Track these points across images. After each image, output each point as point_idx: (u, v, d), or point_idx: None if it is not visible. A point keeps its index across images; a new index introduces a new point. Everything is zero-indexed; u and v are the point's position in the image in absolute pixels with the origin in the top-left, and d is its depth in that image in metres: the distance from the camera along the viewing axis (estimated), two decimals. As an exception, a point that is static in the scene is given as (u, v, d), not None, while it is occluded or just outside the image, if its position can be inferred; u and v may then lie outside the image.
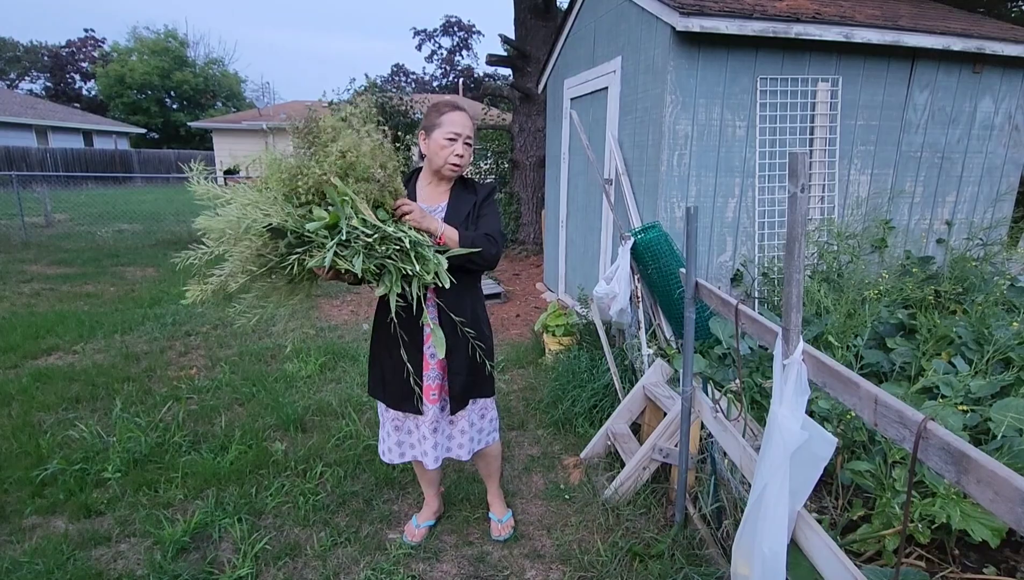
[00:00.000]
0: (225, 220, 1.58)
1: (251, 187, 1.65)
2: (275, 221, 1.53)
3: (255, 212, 1.56)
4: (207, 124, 25.44)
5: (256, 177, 1.71)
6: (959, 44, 3.62)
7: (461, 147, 1.82)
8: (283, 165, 1.62)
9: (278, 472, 2.62)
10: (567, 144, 5.17)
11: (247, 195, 1.61)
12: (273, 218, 1.54)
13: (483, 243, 1.76)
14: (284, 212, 1.56)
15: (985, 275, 3.42)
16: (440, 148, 1.81)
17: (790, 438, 1.24)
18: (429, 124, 1.83)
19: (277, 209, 1.57)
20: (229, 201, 1.62)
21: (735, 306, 1.59)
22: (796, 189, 1.17)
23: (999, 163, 4.07)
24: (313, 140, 1.61)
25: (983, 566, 1.86)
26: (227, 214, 1.58)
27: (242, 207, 1.57)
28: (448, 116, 1.80)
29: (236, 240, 1.59)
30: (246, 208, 1.57)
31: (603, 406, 3.08)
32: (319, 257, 1.53)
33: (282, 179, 1.59)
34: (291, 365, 3.90)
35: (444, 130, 1.80)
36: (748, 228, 3.69)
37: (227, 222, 1.58)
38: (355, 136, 1.61)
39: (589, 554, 2.09)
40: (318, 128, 1.61)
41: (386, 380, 1.94)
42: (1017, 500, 0.74)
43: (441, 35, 32.45)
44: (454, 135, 1.80)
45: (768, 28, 3.28)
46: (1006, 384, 2.20)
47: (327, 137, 1.60)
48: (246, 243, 1.58)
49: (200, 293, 1.66)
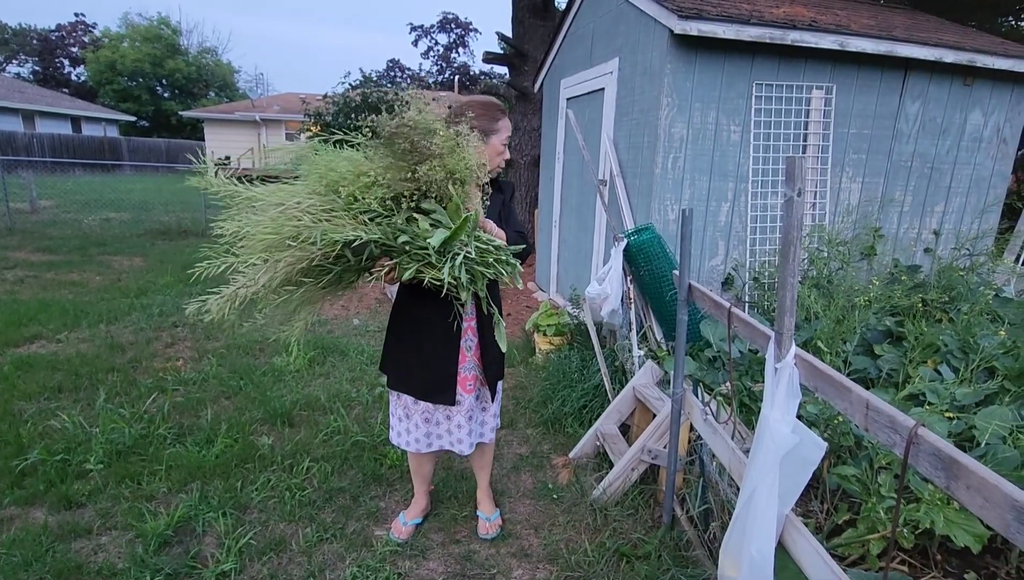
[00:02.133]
0: (274, 228, 1.39)
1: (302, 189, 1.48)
2: (364, 235, 1.39)
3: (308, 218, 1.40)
4: (199, 114, 25.19)
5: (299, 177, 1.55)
6: (951, 56, 3.67)
7: (507, 151, 1.94)
8: (365, 171, 1.46)
9: (264, 466, 2.59)
10: (562, 144, 5.17)
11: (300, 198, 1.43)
12: (359, 231, 1.38)
13: (518, 238, 1.85)
14: (359, 220, 1.43)
15: (971, 285, 3.47)
16: (498, 153, 1.88)
17: (781, 442, 1.25)
18: (487, 128, 1.82)
19: (341, 216, 1.42)
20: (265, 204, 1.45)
21: (728, 309, 1.60)
22: (792, 193, 1.17)
23: (987, 175, 4.13)
24: (419, 141, 1.45)
25: (964, 572, 1.89)
26: (270, 220, 1.40)
27: (298, 213, 1.40)
28: (503, 122, 1.88)
29: (285, 249, 1.40)
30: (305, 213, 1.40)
31: (593, 406, 3.09)
32: (411, 269, 1.44)
33: (382, 182, 1.45)
34: (279, 359, 3.86)
35: (502, 137, 1.89)
36: (740, 232, 3.71)
37: (279, 230, 1.38)
38: (476, 144, 1.56)
39: (576, 554, 2.09)
40: (429, 130, 1.46)
41: (415, 374, 1.95)
42: (1006, 506, 0.75)
43: (438, 31, 32.33)
44: (507, 140, 1.91)
45: (765, 34, 3.30)
46: (990, 392, 2.22)
47: (438, 146, 1.46)
48: (300, 253, 1.41)
49: (226, 307, 1.46)
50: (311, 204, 1.45)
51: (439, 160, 1.47)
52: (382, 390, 3.41)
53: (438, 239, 1.43)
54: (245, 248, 1.43)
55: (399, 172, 1.48)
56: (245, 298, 1.45)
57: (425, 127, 1.49)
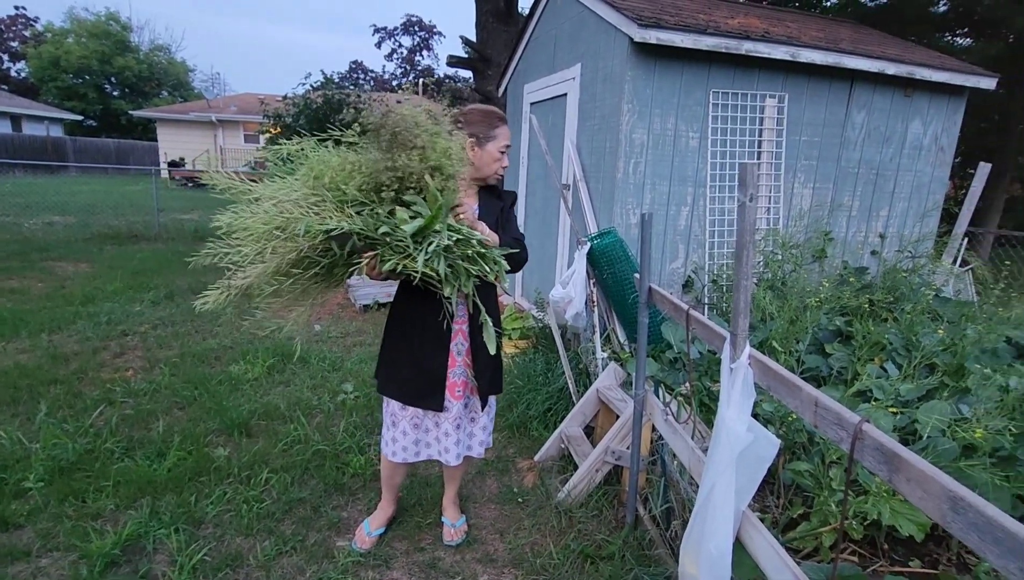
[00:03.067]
0: (267, 219, 1.45)
1: (295, 183, 1.54)
2: (346, 224, 1.43)
3: (300, 211, 1.45)
4: (151, 113, 24.25)
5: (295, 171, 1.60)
6: (893, 68, 3.86)
7: (506, 159, 1.94)
8: (355, 159, 1.52)
9: (220, 479, 2.50)
10: (526, 148, 5.20)
11: (288, 192, 1.50)
12: (343, 222, 1.43)
13: (518, 247, 1.86)
14: (345, 212, 1.46)
15: (913, 286, 3.65)
16: (493, 160, 1.89)
17: (736, 440, 1.28)
18: (481, 134, 1.86)
19: (329, 209, 1.47)
20: (259, 198, 1.52)
21: (686, 311, 1.63)
22: (745, 198, 1.21)
23: (927, 181, 4.36)
24: (400, 134, 1.49)
25: (909, 559, 1.98)
26: (268, 212, 1.46)
27: (290, 203, 1.46)
28: (500, 129, 1.89)
29: (274, 240, 1.47)
30: (295, 205, 1.46)
31: (558, 409, 3.10)
32: (392, 260, 1.47)
33: (358, 173, 1.50)
34: (236, 367, 3.74)
35: (499, 144, 1.89)
36: (699, 236, 3.81)
37: (270, 221, 1.45)
38: (454, 137, 1.57)
39: (542, 557, 2.10)
40: (413, 122, 1.50)
41: (405, 378, 1.92)
42: (943, 497, 0.79)
43: (402, 34, 32.09)
44: (505, 148, 1.91)
45: (721, 44, 3.41)
46: (931, 388, 2.34)
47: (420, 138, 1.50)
48: (291, 245, 1.47)
49: (223, 297, 1.52)
50: (301, 196, 1.50)
51: (420, 151, 1.50)
52: (344, 397, 3.34)
53: (412, 227, 1.46)
54: (239, 239, 1.50)
55: (380, 162, 1.51)
56: (240, 289, 1.52)
57: (412, 119, 1.52)
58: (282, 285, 1.55)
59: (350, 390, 3.43)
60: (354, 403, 3.30)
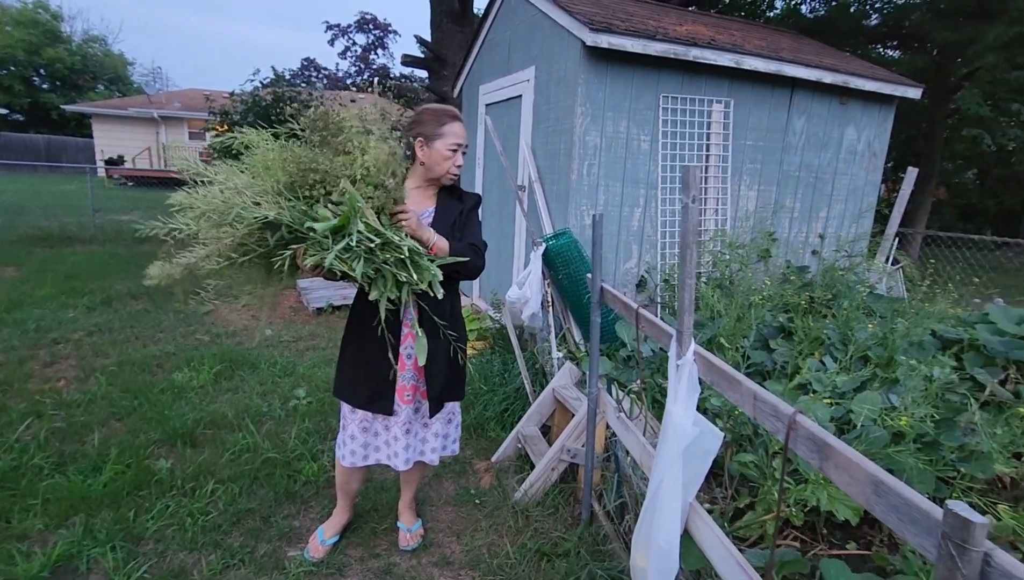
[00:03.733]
0: (208, 202, 1.50)
1: (240, 170, 1.58)
2: (272, 214, 1.47)
3: (243, 199, 1.48)
4: (86, 108, 22.86)
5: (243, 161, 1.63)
6: (829, 77, 4.07)
7: (460, 157, 1.87)
8: (290, 154, 1.54)
9: (162, 492, 2.38)
10: (482, 150, 5.20)
11: (236, 178, 1.53)
12: (270, 211, 1.47)
13: (471, 254, 1.82)
14: (279, 204, 1.49)
15: (850, 283, 3.85)
16: (443, 158, 1.84)
17: (683, 434, 1.32)
18: (429, 132, 1.84)
19: (270, 199, 1.50)
20: (212, 181, 1.55)
21: (636, 310, 1.67)
22: (688, 200, 1.25)
23: (861, 184, 4.62)
24: (329, 137, 1.54)
25: (846, 542, 2.09)
26: (211, 195, 1.50)
27: (231, 191, 1.50)
28: (450, 127, 1.83)
29: (218, 225, 1.52)
30: (236, 193, 1.49)
31: (514, 409, 3.12)
32: (317, 256, 1.50)
33: (288, 169, 1.52)
34: (180, 374, 3.57)
35: (447, 141, 1.83)
36: (652, 236, 3.91)
37: (210, 204, 1.49)
38: (379, 145, 1.56)
39: (498, 557, 2.10)
40: (338, 128, 1.54)
41: (356, 380, 1.88)
42: (867, 482, 0.83)
43: (355, 31, 31.46)
44: (456, 146, 1.85)
45: (669, 50, 3.51)
46: (865, 379, 2.48)
47: (351, 143, 1.53)
48: (228, 229, 1.51)
49: (165, 273, 1.58)
50: (243, 183, 1.53)
51: (345, 156, 1.52)
52: (297, 403, 3.25)
53: (323, 226, 1.49)
54: (187, 218, 1.54)
55: (307, 162, 1.54)
56: (184, 267, 1.57)
57: (338, 125, 1.51)
58: (221, 267, 1.59)
59: (303, 395, 3.34)
60: (307, 409, 3.21)
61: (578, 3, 3.80)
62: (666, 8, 5.38)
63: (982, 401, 2.41)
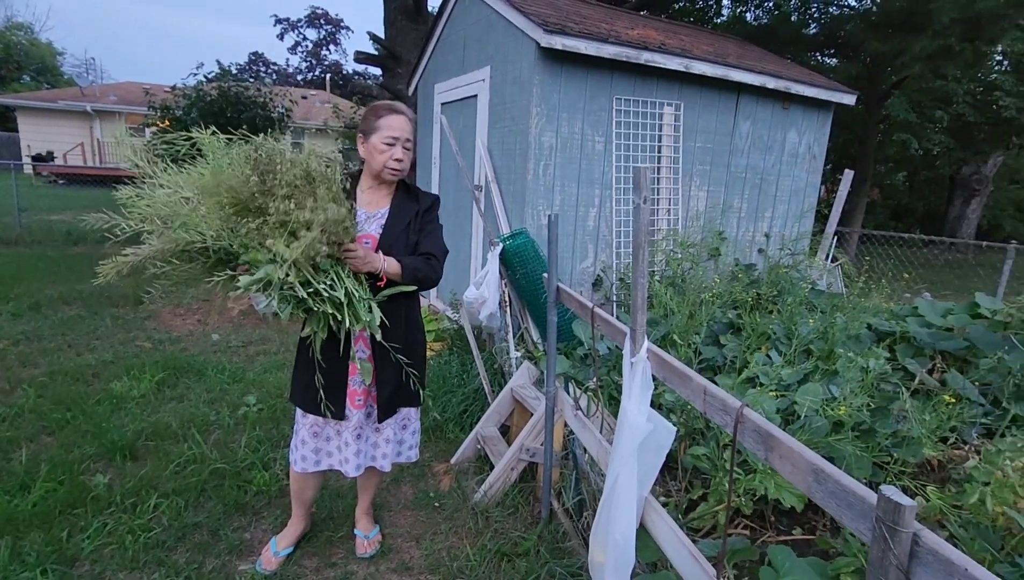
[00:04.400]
0: (153, 206, 1.52)
1: (187, 182, 1.57)
2: (210, 241, 1.49)
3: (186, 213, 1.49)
4: (9, 100, 21.30)
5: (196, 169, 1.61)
6: (772, 83, 4.25)
7: (400, 151, 1.80)
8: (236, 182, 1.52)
9: (99, 510, 2.25)
10: (438, 149, 5.16)
11: (183, 189, 1.53)
12: (207, 234, 1.48)
13: (424, 269, 1.78)
14: (222, 225, 1.50)
15: (793, 280, 4.04)
16: (379, 152, 1.79)
17: (637, 430, 1.35)
18: (367, 128, 1.80)
19: (212, 219, 1.50)
20: (161, 185, 1.55)
21: (592, 309, 1.70)
22: (639, 201, 1.28)
23: (802, 185, 4.84)
24: (275, 187, 1.50)
25: (792, 528, 2.19)
26: (158, 200, 1.52)
27: (177, 199, 1.51)
28: (385, 120, 1.78)
29: (161, 231, 1.53)
30: (183, 202, 1.51)
31: (473, 410, 3.10)
32: (248, 282, 1.50)
33: (226, 199, 1.52)
34: (119, 384, 3.38)
35: (382, 134, 1.78)
36: (607, 236, 3.97)
37: (155, 210, 1.52)
38: (328, 209, 1.51)
39: (458, 560, 2.09)
40: (285, 181, 1.50)
41: (306, 385, 1.82)
42: (807, 470, 0.87)
43: (306, 26, 30.60)
44: (392, 139, 1.78)
45: (621, 53, 3.57)
46: (808, 371, 2.61)
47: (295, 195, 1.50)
48: (172, 236, 1.52)
49: (113, 270, 1.56)
50: (192, 196, 1.54)
51: (277, 201, 1.50)
52: (247, 410, 3.13)
53: (246, 282, 1.51)
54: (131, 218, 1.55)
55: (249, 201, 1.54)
56: (128, 265, 1.56)
57: (282, 175, 1.51)
58: (163, 270, 1.59)
59: (253, 402, 3.22)
60: (258, 416, 3.10)
61: (532, 4, 3.83)
62: (619, 12, 5.49)
63: (912, 389, 2.57)
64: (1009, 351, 2.67)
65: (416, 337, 1.94)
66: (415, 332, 1.94)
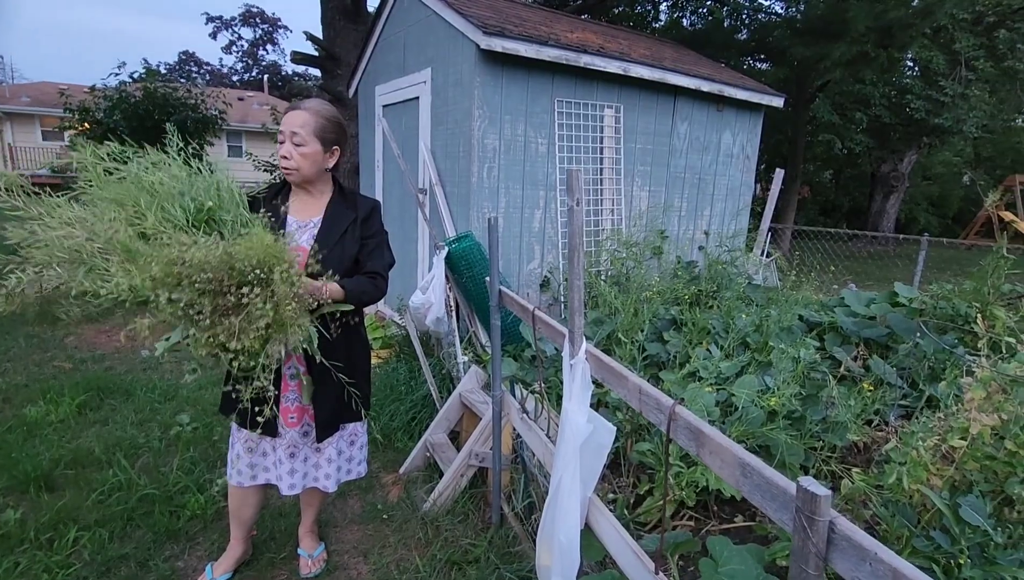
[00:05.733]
0: (48, 247, 1.40)
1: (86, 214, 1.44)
2: (124, 292, 1.39)
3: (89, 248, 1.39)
4: (-97, 101, 19.37)
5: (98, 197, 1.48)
6: (707, 86, 4.41)
7: (288, 147, 1.69)
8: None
9: (10, 548, 2.06)
10: (381, 152, 5.06)
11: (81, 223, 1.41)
12: (120, 281, 1.38)
13: (370, 290, 1.72)
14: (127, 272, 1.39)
15: (731, 276, 4.20)
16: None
17: (579, 431, 1.35)
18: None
19: (118, 260, 1.40)
20: (40, 218, 1.41)
21: (532, 312, 1.69)
22: (572, 203, 1.28)
23: (737, 185, 5.05)
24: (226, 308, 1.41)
25: (734, 516, 2.26)
26: (52, 239, 1.39)
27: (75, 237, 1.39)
28: (283, 119, 1.72)
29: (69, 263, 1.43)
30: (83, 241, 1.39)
31: (422, 418, 3.05)
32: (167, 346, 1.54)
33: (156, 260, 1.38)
34: (34, 409, 3.12)
35: (280, 137, 1.72)
36: (553, 237, 4.00)
37: (51, 252, 1.40)
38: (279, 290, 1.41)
39: (407, 573, 2.04)
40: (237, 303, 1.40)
41: (237, 398, 1.68)
42: (735, 465, 0.90)
43: (241, 25, 29.39)
44: (281, 135, 1.71)
45: (561, 56, 3.61)
46: (744, 364, 2.71)
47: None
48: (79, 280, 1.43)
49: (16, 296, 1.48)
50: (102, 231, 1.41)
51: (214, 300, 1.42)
52: (180, 430, 2.96)
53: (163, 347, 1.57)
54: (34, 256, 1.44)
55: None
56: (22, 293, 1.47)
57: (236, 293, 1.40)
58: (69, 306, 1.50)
59: (187, 421, 3.04)
60: (192, 435, 2.93)
61: (472, 6, 3.81)
62: (559, 15, 5.56)
63: (839, 377, 2.72)
64: (923, 337, 2.87)
65: (359, 351, 1.84)
66: (358, 346, 1.85)
